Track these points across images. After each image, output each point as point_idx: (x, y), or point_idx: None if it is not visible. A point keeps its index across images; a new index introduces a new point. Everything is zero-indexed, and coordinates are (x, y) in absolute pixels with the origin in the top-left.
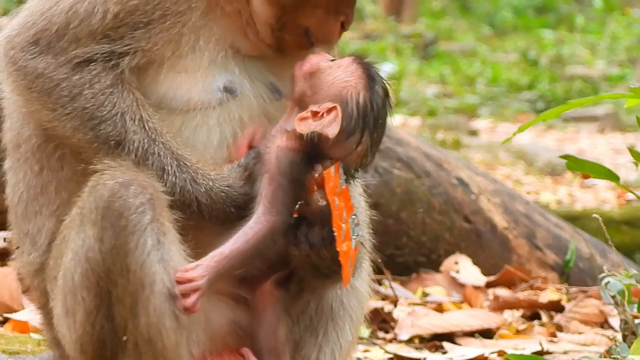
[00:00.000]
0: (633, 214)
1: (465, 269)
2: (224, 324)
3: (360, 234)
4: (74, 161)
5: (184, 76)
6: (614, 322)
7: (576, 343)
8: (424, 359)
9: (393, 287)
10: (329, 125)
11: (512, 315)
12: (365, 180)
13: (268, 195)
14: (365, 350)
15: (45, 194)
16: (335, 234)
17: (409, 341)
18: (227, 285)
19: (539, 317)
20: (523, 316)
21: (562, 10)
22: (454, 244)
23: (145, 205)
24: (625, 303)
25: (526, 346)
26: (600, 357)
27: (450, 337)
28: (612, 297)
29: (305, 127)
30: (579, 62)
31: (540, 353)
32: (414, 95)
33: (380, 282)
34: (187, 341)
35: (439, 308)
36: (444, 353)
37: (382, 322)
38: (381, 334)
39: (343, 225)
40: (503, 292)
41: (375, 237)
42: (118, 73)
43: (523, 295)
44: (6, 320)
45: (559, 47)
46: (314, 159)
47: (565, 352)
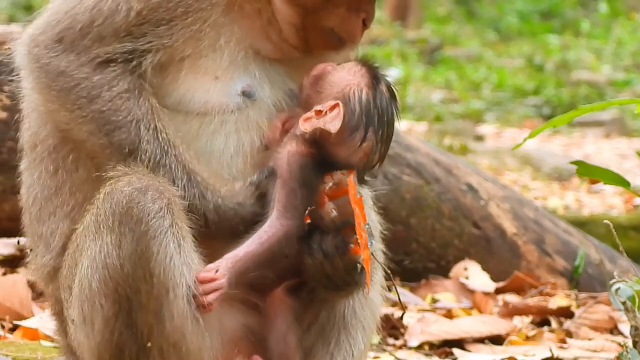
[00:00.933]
0: None
1: (475, 275)
2: (236, 329)
3: (373, 243)
4: (89, 163)
5: (203, 77)
6: (623, 328)
7: (586, 349)
8: None
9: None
10: (331, 122)
11: (522, 322)
12: (375, 190)
13: (281, 199)
14: (375, 357)
15: (59, 195)
16: (351, 243)
17: (419, 347)
18: (239, 291)
19: (548, 323)
20: (533, 322)
21: (567, 15)
22: (463, 250)
23: (164, 209)
24: (635, 309)
25: (536, 352)
26: None
27: (460, 344)
28: (622, 303)
29: (309, 125)
30: (585, 67)
31: (550, 359)
32: (419, 101)
33: (390, 289)
34: (208, 345)
35: (449, 314)
36: (453, 359)
37: (392, 328)
38: (391, 340)
39: (363, 234)
40: (512, 298)
41: (385, 244)
42: (137, 77)
43: (532, 301)
44: (16, 327)
45: (564, 52)
46: (324, 166)
47: (575, 359)
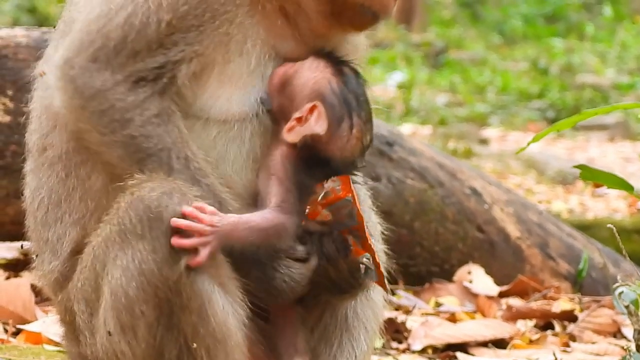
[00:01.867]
0: None
1: (478, 278)
2: (249, 335)
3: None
4: (104, 173)
5: (227, 84)
6: (627, 332)
7: (589, 353)
8: None
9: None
10: (316, 124)
11: (525, 325)
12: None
13: (279, 195)
14: None
15: (68, 202)
16: (351, 245)
17: (422, 351)
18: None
19: (552, 327)
20: (536, 326)
21: (572, 19)
22: (467, 253)
23: None
24: (638, 313)
25: (539, 356)
26: None
27: (464, 347)
28: (626, 306)
29: (295, 135)
30: (589, 71)
31: None
32: (424, 104)
33: (393, 292)
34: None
35: (452, 318)
36: None
37: (395, 332)
38: (394, 344)
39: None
40: (516, 302)
41: (388, 247)
42: (166, 99)
43: (536, 305)
44: (19, 331)
45: (569, 55)
46: (319, 163)
47: None
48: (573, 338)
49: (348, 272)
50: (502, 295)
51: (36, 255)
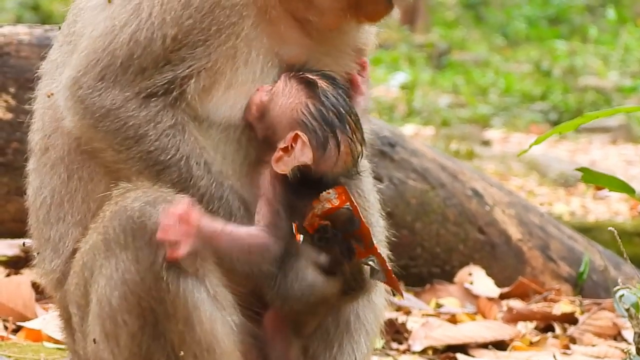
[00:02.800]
0: None
1: (479, 280)
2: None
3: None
4: (106, 176)
5: (231, 92)
6: (627, 334)
7: (590, 355)
8: None
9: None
10: (302, 154)
11: (526, 327)
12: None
13: (266, 217)
14: None
15: (70, 202)
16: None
17: (423, 352)
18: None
19: (552, 329)
20: (537, 328)
21: (575, 21)
22: (468, 255)
23: None
24: (639, 316)
25: (539, 358)
26: None
27: (464, 349)
28: (626, 309)
29: (283, 166)
30: (592, 73)
31: None
32: (426, 105)
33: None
34: (238, 346)
35: (453, 319)
36: None
37: (395, 332)
38: (395, 345)
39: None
40: (517, 304)
41: (390, 248)
42: (180, 110)
43: (537, 307)
44: (19, 328)
45: (571, 58)
46: (310, 183)
47: None
48: (573, 340)
49: (351, 274)
50: (503, 297)
51: (38, 253)
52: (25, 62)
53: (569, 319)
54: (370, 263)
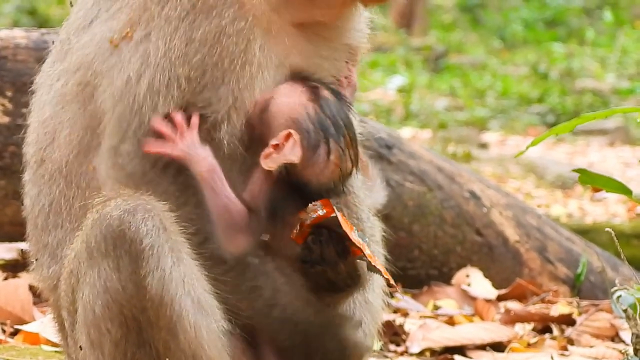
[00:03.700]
0: None
1: (477, 282)
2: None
3: (367, 241)
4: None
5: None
6: (625, 335)
7: (587, 357)
8: None
9: (394, 296)
10: (291, 152)
11: (524, 329)
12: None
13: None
14: None
15: (69, 209)
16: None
17: (420, 354)
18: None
19: (550, 331)
20: (534, 329)
21: (572, 24)
22: (465, 257)
23: (157, 226)
24: (636, 317)
25: (537, 359)
26: None
27: (462, 350)
28: (624, 310)
29: (271, 162)
30: (589, 76)
31: None
32: (424, 108)
33: (392, 295)
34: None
35: (451, 321)
36: None
37: (393, 334)
38: (392, 347)
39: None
40: (514, 306)
41: (387, 250)
42: (217, 158)
43: (534, 308)
44: (17, 331)
45: (569, 60)
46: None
47: None
48: (571, 342)
49: (346, 273)
50: (501, 298)
51: (36, 259)
52: (22, 65)
53: (567, 321)
54: (364, 259)
